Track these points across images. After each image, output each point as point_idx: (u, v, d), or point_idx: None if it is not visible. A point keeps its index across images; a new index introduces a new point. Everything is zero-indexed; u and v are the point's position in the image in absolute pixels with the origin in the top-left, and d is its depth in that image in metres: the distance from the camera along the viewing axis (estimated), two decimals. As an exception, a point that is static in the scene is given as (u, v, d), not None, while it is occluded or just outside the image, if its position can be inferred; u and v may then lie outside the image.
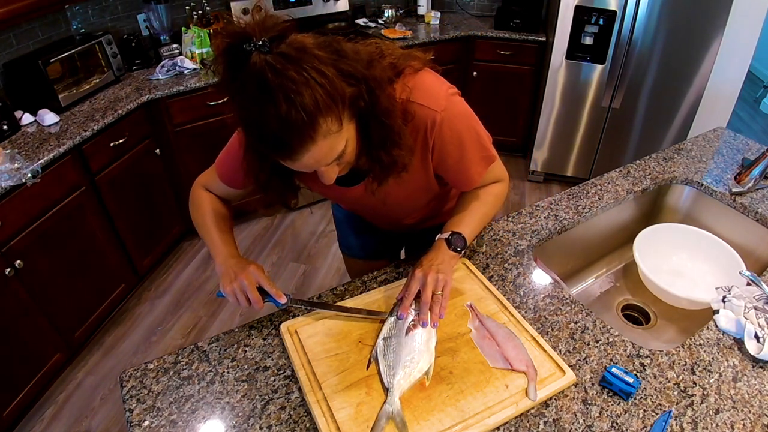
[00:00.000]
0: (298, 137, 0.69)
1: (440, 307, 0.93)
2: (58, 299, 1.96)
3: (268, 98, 0.66)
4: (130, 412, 0.86)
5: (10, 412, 1.80)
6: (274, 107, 0.67)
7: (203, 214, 1.07)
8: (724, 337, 0.97)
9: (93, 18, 2.48)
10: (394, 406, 0.81)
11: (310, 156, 0.73)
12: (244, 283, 0.93)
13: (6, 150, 1.81)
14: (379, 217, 1.25)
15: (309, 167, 0.77)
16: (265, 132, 0.69)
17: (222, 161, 1.04)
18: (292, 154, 0.72)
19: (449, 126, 0.91)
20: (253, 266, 0.96)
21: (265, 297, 0.95)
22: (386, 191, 0.95)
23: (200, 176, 1.11)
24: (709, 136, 1.67)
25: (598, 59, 2.68)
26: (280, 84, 0.66)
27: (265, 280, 0.95)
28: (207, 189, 1.10)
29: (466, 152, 0.96)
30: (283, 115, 0.67)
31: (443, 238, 1.01)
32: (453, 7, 3.49)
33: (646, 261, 1.23)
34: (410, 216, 1.20)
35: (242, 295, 0.94)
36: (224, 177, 1.05)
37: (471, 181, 1.03)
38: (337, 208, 1.43)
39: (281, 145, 0.71)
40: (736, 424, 0.82)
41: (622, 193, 1.39)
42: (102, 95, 2.29)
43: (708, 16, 2.40)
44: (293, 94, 0.66)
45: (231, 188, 1.07)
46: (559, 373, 0.88)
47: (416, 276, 0.95)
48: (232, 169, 1.01)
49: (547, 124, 2.99)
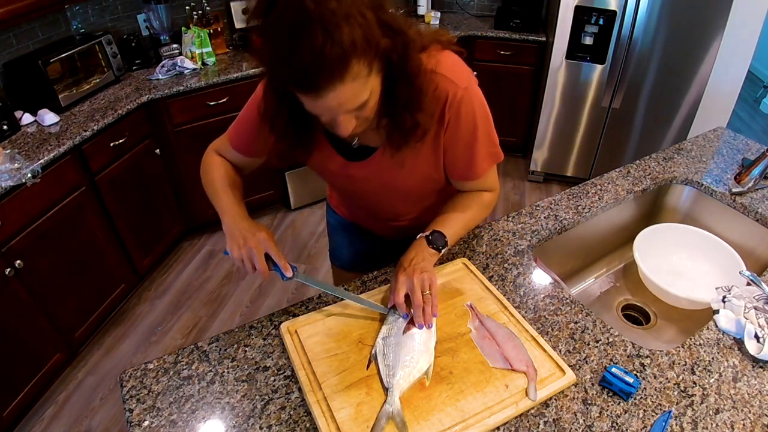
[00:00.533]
0: (329, 73, 0.68)
1: (432, 306, 0.93)
2: (58, 299, 1.96)
3: (305, 28, 0.65)
4: (130, 412, 0.86)
5: (10, 412, 1.80)
6: (309, 38, 0.65)
7: (214, 176, 1.06)
8: (724, 337, 0.97)
9: (93, 18, 2.48)
10: (394, 405, 0.81)
11: (336, 96, 0.71)
12: (253, 250, 0.92)
13: (6, 150, 1.81)
14: (376, 210, 1.20)
15: (330, 110, 0.75)
16: (297, 64, 0.67)
17: (236, 128, 1.04)
18: (319, 90, 0.70)
19: (468, 105, 0.91)
20: (264, 233, 0.95)
21: (271, 266, 0.94)
22: (393, 171, 0.95)
23: (213, 142, 1.10)
24: (709, 136, 1.67)
25: (598, 59, 2.68)
26: (320, 15, 0.65)
27: (274, 249, 0.94)
28: (217, 152, 1.09)
29: (477, 139, 0.96)
30: (318, 48, 0.65)
31: (423, 236, 1.01)
32: (453, 7, 3.49)
33: (646, 261, 1.23)
34: (408, 212, 1.18)
35: (249, 262, 0.93)
36: (237, 144, 1.04)
37: (475, 172, 1.02)
38: (332, 214, 1.40)
39: (310, 79, 0.68)
40: (736, 424, 0.82)
41: (622, 193, 1.39)
42: (102, 95, 2.29)
43: (708, 16, 2.40)
44: (332, 27, 0.65)
45: (243, 156, 1.06)
46: (559, 373, 0.88)
47: (401, 281, 0.94)
48: (246, 136, 1.02)
49: (547, 124, 2.99)
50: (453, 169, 1.02)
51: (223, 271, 2.63)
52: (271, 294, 2.42)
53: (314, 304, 1.05)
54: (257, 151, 1.06)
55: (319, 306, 1.04)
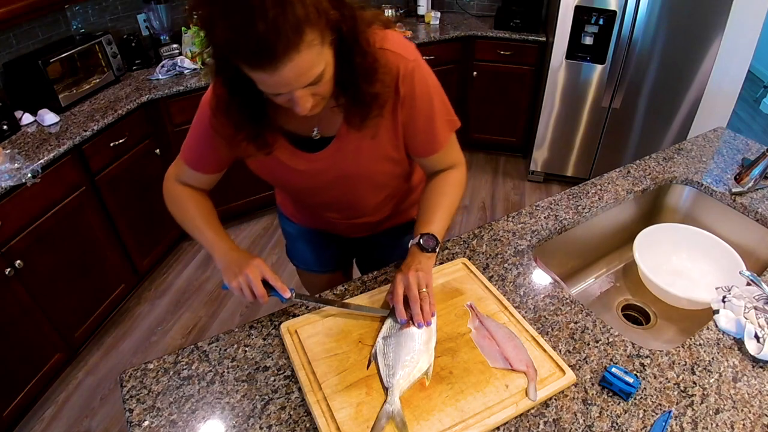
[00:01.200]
0: (284, 42, 0.67)
1: (428, 303, 0.93)
2: (58, 299, 1.96)
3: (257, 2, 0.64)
4: (130, 412, 0.86)
5: (10, 412, 1.80)
6: (262, 10, 0.64)
7: (187, 211, 1.05)
8: (724, 337, 0.97)
9: (93, 18, 2.48)
10: (394, 405, 0.81)
11: (293, 67, 0.70)
12: (250, 277, 0.93)
13: (6, 150, 1.81)
14: (341, 206, 1.16)
15: (288, 84, 0.73)
16: (250, 38, 0.66)
17: (190, 149, 1.02)
18: (276, 61, 0.68)
19: (420, 77, 0.92)
20: (258, 260, 0.97)
21: (270, 291, 0.96)
22: (355, 156, 0.96)
23: (169, 170, 1.08)
24: (709, 136, 1.67)
25: (598, 59, 2.68)
26: None
27: (270, 273, 0.96)
28: (180, 182, 1.07)
29: (434, 109, 0.97)
30: (271, 18, 0.65)
31: (415, 244, 1.00)
32: (453, 7, 3.49)
33: (646, 261, 1.23)
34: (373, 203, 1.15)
35: (248, 289, 0.94)
36: (195, 165, 1.02)
37: (439, 142, 1.02)
38: (287, 223, 1.38)
39: (267, 50, 0.67)
40: (736, 424, 0.82)
41: (622, 193, 1.39)
42: (102, 95, 2.29)
43: (708, 16, 2.40)
44: None
45: (205, 174, 1.04)
46: (559, 373, 0.88)
47: (398, 279, 0.95)
48: (203, 153, 1.00)
49: (547, 124, 2.99)
50: (415, 144, 1.01)
51: (223, 271, 2.63)
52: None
53: (314, 304, 1.05)
54: (218, 164, 1.04)
55: (319, 306, 1.04)
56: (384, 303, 1.02)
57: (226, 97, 0.84)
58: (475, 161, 3.55)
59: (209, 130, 0.94)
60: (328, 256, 1.41)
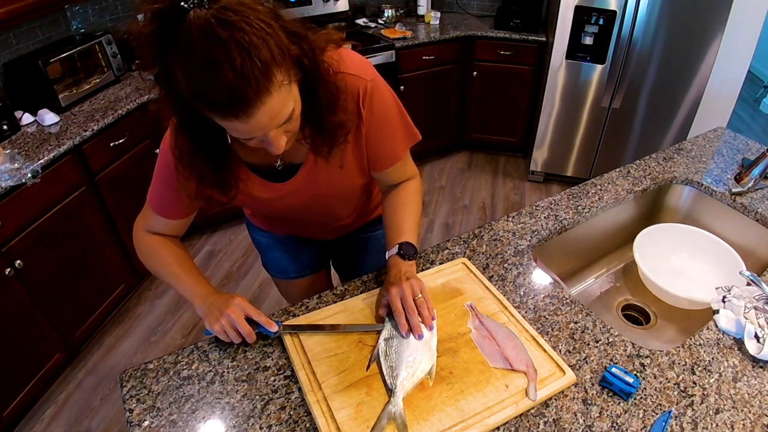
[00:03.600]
0: (255, 88, 0.66)
1: (427, 308, 0.93)
2: (58, 299, 1.96)
3: (221, 53, 0.63)
4: (130, 412, 0.86)
5: (10, 412, 1.80)
6: (228, 61, 0.63)
7: (162, 260, 1.02)
8: (724, 337, 0.97)
9: (93, 18, 2.48)
10: (397, 407, 0.81)
11: (266, 110, 0.69)
12: (232, 317, 0.91)
13: (6, 150, 1.81)
14: (311, 221, 1.18)
15: (262, 128, 0.72)
16: (219, 89, 0.64)
17: (156, 196, 0.99)
18: (248, 108, 0.67)
19: (379, 95, 0.92)
20: (238, 298, 0.94)
21: (255, 327, 0.93)
22: (324, 179, 0.96)
23: (137, 221, 1.05)
24: (709, 136, 1.67)
25: (598, 59, 2.68)
26: (231, 36, 0.63)
27: (253, 310, 0.93)
28: (150, 231, 1.04)
29: (395, 125, 0.98)
30: (239, 67, 0.63)
31: (395, 254, 1.01)
32: (453, 7, 3.49)
33: (646, 261, 1.23)
34: (345, 211, 1.17)
35: (232, 330, 0.92)
36: (164, 212, 0.99)
37: (396, 156, 1.03)
38: (258, 233, 1.34)
39: (237, 100, 0.66)
40: (736, 424, 0.82)
41: (622, 193, 1.39)
42: (102, 95, 2.29)
43: (708, 16, 2.40)
44: (247, 45, 0.64)
45: (173, 220, 1.01)
46: (559, 373, 0.88)
47: (393, 293, 0.94)
48: (170, 200, 0.97)
49: (547, 124, 2.99)
50: (376, 159, 1.01)
51: (223, 271, 2.63)
52: (271, 294, 2.42)
53: (314, 304, 1.05)
54: (187, 209, 1.01)
55: (319, 306, 1.04)
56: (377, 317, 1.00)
57: (189, 148, 0.81)
58: (475, 161, 3.56)
59: (176, 175, 0.90)
60: (305, 260, 1.39)
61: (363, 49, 2.77)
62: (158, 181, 0.97)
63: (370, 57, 2.77)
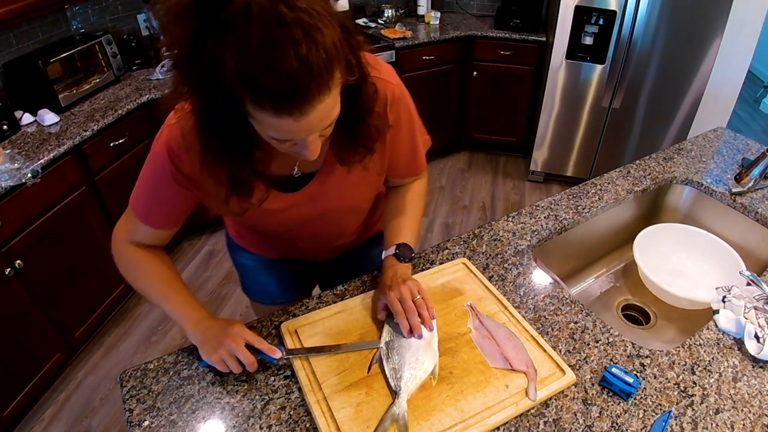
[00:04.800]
0: (318, 81, 0.58)
1: (427, 308, 0.93)
2: (58, 299, 1.96)
3: (285, 35, 0.55)
4: (130, 412, 0.86)
5: (10, 412, 1.80)
6: (293, 45, 0.55)
7: (148, 278, 0.92)
8: (724, 337, 0.97)
9: (93, 18, 2.48)
10: (401, 408, 0.81)
11: (321, 109, 0.62)
12: (232, 346, 0.84)
13: (6, 150, 1.81)
14: (311, 239, 1.08)
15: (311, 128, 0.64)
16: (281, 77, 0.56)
17: (144, 203, 0.89)
18: (305, 104, 0.59)
19: (405, 101, 0.90)
20: (237, 325, 0.87)
21: (256, 355, 0.87)
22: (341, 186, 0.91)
23: (117, 230, 0.94)
24: (709, 136, 1.67)
25: (598, 59, 2.68)
26: (297, 19, 0.55)
27: (254, 337, 0.87)
28: (132, 242, 0.93)
29: (415, 132, 0.95)
30: (304, 55, 0.55)
31: (391, 255, 0.99)
32: (453, 7, 3.49)
33: (646, 261, 1.23)
34: (353, 226, 1.11)
35: (233, 360, 0.84)
36: (152, 221, 0.89)
37: (421, 164, 1.01)
38: (243, 255, 1.22)
39: (298, 92, 0.58)
40: (736, 424, 0.82)
41: (622, 193, 1.39)
42: (102, 95, 2.29)
43: (708, 16, 2.40)
44: (312, 31, 0.56)
45: (163, 230, 0.92)
46: (559, 373, 0.88)
47: (392, 297, 0.92)
48: (161, 206, 0.88)
49: (547, 124, 2.99)
50: (398, 167, 0.98)
51: (223, 271, 2.63)
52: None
53: (314, 304, 1.05)
54: (178, 218, 0.91)
55: (319, 306, 1.04)
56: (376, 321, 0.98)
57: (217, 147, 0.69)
58: (475, 161, 3.55)
59: (170, 182, 0.82)
60: (295, 284, 1.28)
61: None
62: (147, 186, 0.87)
63: (370, 57, 2.77)
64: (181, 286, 0.93)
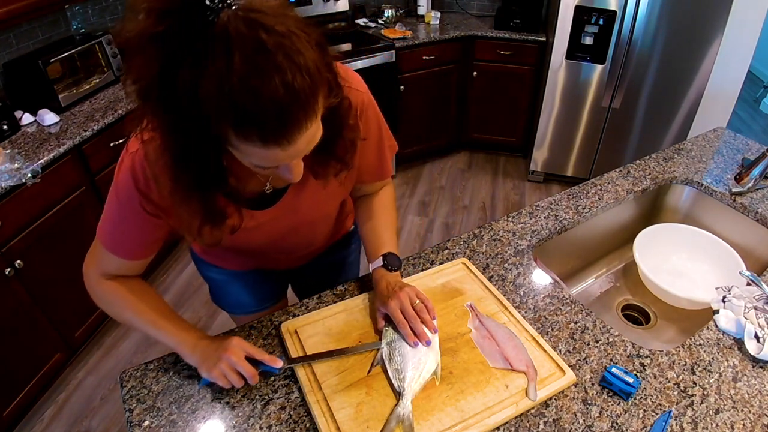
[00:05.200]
0: (304, 108, 0.56)
1: (428, 310, 0.93)
2: (58, 299, 1.96)
3: (268, 62, 0.52)
4: (130, 412, 0.86)
5: (10, 412, 1.80)
6: (278, 73, 0.52)
7: (133, 309, 0.88)
8: (724, 337, 0.97)
9: (93, 18, 2.48)
10: (406, 409, 0.81)
11: (308, 135, 0.60)
12: (232, 359, 0.82)
13: (6, 150, 1.81)
14: (290, 246, 1.05)
15: (297, 154, 0.62)
16: (267, 106, 0.53)
17: (110, 233, 0.84)
18: (294, 132, 0.57)
19: (373, 109, 0.89)
20: (235, 339, 0.85)
21: (258, 367, 0.86)
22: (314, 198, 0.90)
23: (88, 264, 0.89)
24: (709, 136, 1.67)
25: (598, 59, 2.68)
26: (279, 44, 0.53)
27: (254, 349, 0.85)
28: (105, 275, 0.89)
29: (383, 139, 0.95)
30: (290, 81, 0.53)
31: (379, 266, 0.98)
32: (453, 7, 3.49)
33: (646, 261, 1.23)
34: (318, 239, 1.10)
35: (233, 373, 0.82)
36: (124, 252, 0.85)
37: (387, 170, 1.00)
38: (211, 269, 1.18)
39: (285, 121, 0.55)
40: (736, 424, 0.82)
41: (622, 193, 1.39)
42: (102, 95, 2.29)
43: (708, 16, 2.40)
44: (295, 55, 0.53)
45: (137, 261, 0.87)
46: (559, 373, 0.88)
47: (393, 306, 0.92)
48: (132, 237, 0.84)
49: (547, 124, 2.99)
50: (365, 173, 0.97)
51: (223, 271, 2.63)
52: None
53: (314, 304, 1.05)
54: (151, 245, 0.86)
55: (319, 306, 1.04)
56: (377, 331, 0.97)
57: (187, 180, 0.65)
58: (475, 161, 3.55)
59: (138, 211, 0.78)
60: (266, 292, 1.25)
61: (363, 50, 2.77)
62: (114, 216, 0.82)
63: (370, 57, 2.77)
64: (169, 312, 0.90)
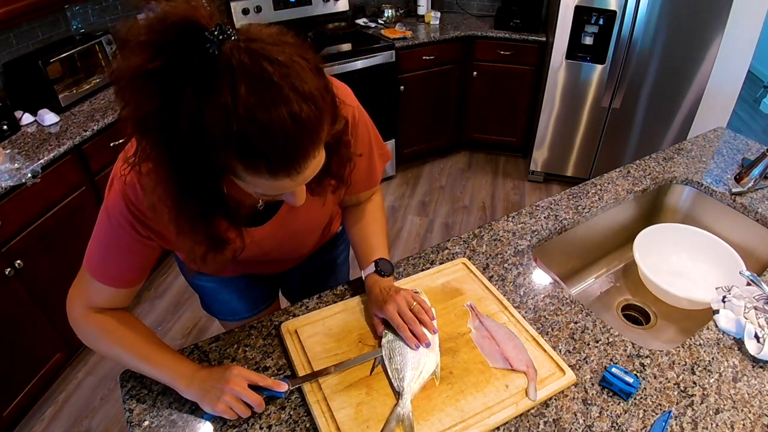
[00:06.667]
0: (312, 138, 0.57)
1: (426, 312, 0.93)
2: (58, 299, 1.94)
3: (275, 94, 0.52)
4: (130, 412, 0.86)
5: (10, 412, 1.80)
6: (286, 104, 0.53)
7: (123, 343, 0.85)
8: (724, 337, 0.97)
9: (93, 18, 2.48)
10: (406, 408, 0.81)
11: (314, 164, 0.60)
12: (236, 390, 0.80)
13: (6, 150, 1.81)
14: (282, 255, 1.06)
15: (304, 181, 0.63)
16: (278, 138, 0.53)
17: (99, 260, 0.82)
18: (302, 163, 0.57)
19: (363, 122, 0.90)
20: (236, 368, 0.83)
21: (262, 393, 0.84)
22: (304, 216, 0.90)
23: (72, 296, 0.86)
24: (709, 136, 1.67)
25: (598, 59, 2.68)
26: (284, 74, 0.53)
27: (256, 376, 0.84)
28: (91, 308, 0.86)
29: (373, 149, 0.96)
30: (297, 112, 0.53)
31: (372, 272, 0.98)
32: (453, 7, 3.49)
33: (646, 261, 1.23)
34: (313, 241, 1.10)
35: (239, 404, 0.80)
36: (114, 281, 0.82)
37: (376, 180, 1.01)
38: (200, 278, 1.17)
39: (294, 152, 0.56)
40: (736, 424, 0.82)
41: (622, 193, 1.39)
42: (102, 95, 2.29)
43: (708, 16, 2.40)
44: (300, 84, 0.54)
45: (121, 289, 0.84)
46: (559, 373, 0.88)
47: (390, 310, 0.91)
48: (123, 265, 0.82)
49: (547, 124, 3.00)
50: (357, 183, 0.95)
51: (223, 271, 2.63)
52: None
53: (314, 304, 1.05)
54: (142, 271, 0.85)
55: (319, 306, 1.04)
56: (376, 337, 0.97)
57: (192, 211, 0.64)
58: (475, 161, 3.55)
59: (131, 234, 0.77)
60: (257, 297, 1.25)
61: (363, 50, 2.77)
62: (104, 242, 0.80)
63: (370, 57, 2.77)
64: (160, 344, 0.87)
